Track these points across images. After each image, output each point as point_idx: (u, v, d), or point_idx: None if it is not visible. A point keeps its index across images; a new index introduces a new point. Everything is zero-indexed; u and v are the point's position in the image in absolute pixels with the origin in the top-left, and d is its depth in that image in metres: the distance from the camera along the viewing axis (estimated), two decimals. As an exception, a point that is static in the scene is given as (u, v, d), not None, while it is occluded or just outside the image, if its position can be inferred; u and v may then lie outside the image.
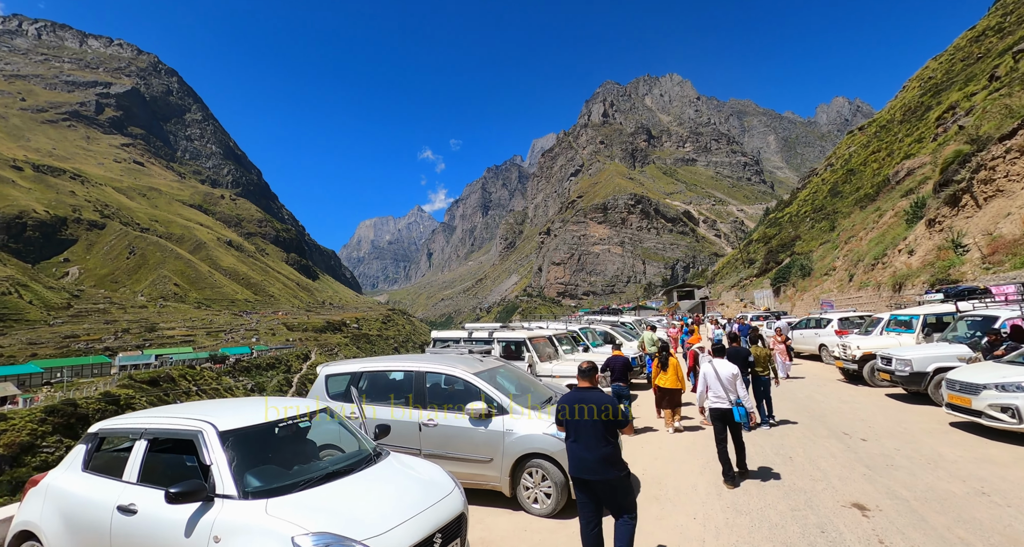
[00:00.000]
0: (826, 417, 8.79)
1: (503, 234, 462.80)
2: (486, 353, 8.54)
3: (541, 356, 10.58)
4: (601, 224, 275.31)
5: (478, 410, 5.32)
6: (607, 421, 3.90)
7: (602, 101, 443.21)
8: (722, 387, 5.99)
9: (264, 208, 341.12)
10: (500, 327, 11.95)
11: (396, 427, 5.60)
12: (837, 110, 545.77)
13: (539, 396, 6.09)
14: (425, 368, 5.93)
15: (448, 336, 11.86)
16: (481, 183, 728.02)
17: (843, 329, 15.83)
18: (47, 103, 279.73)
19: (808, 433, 7.82)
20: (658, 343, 12.99)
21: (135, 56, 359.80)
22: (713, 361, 6.27)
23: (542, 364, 10.23)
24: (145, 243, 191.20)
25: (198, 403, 4.43)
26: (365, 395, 6.05)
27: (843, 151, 78.50)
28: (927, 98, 55.01)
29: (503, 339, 10.98)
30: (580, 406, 3.99)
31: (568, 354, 12.44)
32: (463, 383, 5.73)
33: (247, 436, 3.65)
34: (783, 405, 10.07)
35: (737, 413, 5.90)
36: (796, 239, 57.17)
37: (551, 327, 15.94)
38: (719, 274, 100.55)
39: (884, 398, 10.14)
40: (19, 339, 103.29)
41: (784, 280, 41.87)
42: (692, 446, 7.64)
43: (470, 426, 5.42)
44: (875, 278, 20.90)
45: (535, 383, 6.64)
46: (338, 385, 6.27)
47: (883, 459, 6.33)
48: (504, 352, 10.96)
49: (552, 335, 12.57)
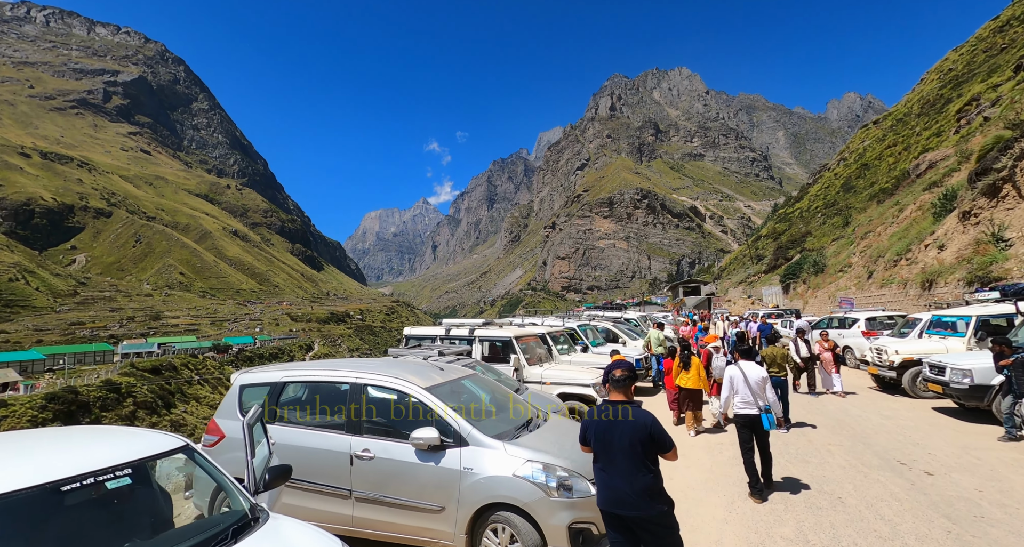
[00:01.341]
0: (870, 438, 7.35)
1: (508, 227, 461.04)
2: (463, 355, 7.19)
3: (531, 358, 9.17)
4: (607, 219, 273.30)
5: (426, 439, 3.93)
6: (648, 444, 3.26)
7: (609, 94, 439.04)
8: (751, 392, 5.62)
9: (270, 198, 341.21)
10: (483, 324, 10.45)
11: (321, 460, 4.30)
12: (848, 106, 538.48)
13: (514, 419, 4.71)
14: (365, 379, 4.49)
15: (423, 333, 10.40)
16: (487, 176, 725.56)
17: (871, 330, 14.34)
18: (55, 91, 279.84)
19: (854, 461, 6.37)
20: (665, 343, 12.46)
21: (142, 44, 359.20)
22: (741, 364, 5.88)
23: (531, 368, 8.82)
24: (151, 232, 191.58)
25: None
26: (288, 413, 4.70)
27: (856, 145, 76.48)
28: (947, 90, 53.09)
29: (485, 338, 9.56)
30: (613, 425, 3.34)
31: (564, 355, 11.06)
32: (411, 400, 4.33)
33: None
34: (814, 419, 8.66)
35: (767, 420, 5.55)
36: (807, 235, 55.66)
37: (546, 323, 14.28)
38: (726, 270, 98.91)
39: (932, 413, 8.69)
40: (25, 325, 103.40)
41: (794, 277, 40.54)
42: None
43: (416, 461, 4.05)
44: (900, 275, 19.36)
45: (514, 399, 5.30)
46: (256, 398, 4.83)
47: (965, 506, 4.85)
48: (489, 353, 9.56)
49: (546, 333, 11.15)
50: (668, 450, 3.30)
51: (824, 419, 8.71)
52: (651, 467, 3.26)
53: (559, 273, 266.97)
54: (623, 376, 3.47)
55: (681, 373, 8.44)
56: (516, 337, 9.18)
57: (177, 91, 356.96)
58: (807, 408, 9.81)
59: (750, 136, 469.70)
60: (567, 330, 13.27)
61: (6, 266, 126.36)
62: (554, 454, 3.96)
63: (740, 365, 5.87)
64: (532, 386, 8.03)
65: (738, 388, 5.72)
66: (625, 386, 3.46)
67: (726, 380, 5.91)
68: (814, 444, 7.14)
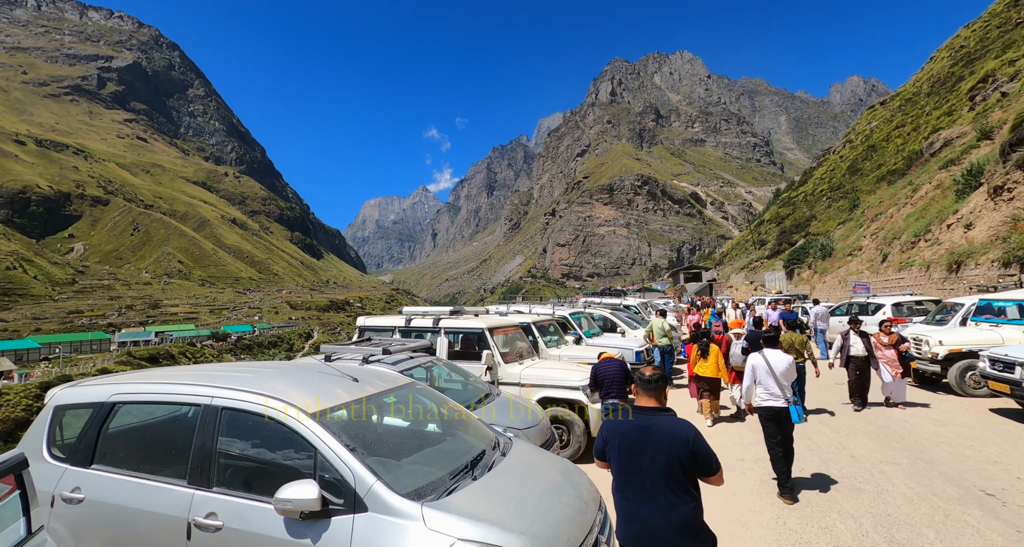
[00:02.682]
0: (929, 452, 5.93)
1: (508, 215, 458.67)
2: (422, 352, 5.79)
3: (509, 353, 7.62)
4: (607, 205, 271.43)
5: (297, 502, 2.40)
6: (690, 464, 2.57)
7: (610, 79, 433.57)
8: (776, 382, 5.14)
9: (268, 186, 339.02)
10: (451, 312, 8.54)
11: (144, 529, 2.79)
12: (851, 90, 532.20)
13: (457, 454, 3.21)
14: (222, 399, 2.94)
15: (379, 324, 8.68)
16: (486, 163, 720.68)
17: (899, 317, 12.98)
18: (48, 77, 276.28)
19: (921, 489, 4.91)
20: (671, 333, 11.32)
21: (136, 29, 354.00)
22: (765, 352, 5.42)
23: (509, 366, 7.21)
24: (149, 220, 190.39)
25: None
26: (116, 451, 3.15)
27: (863, 127, 74.57)
28: (958, 68, 51.22)
29: (452, 329, 7.89)
30: (643, 438, 2.64)
31: (553, 348, 9.56)
32: (287, 433, 2.78)
33: None
34: (850, 424, 7.35)
35: (795, 412, 5.05)
36: (812, 219, 54.36)
37: (534, 311, 12.47)
38: (728, 256, 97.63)
39: (994, 417, 7.29)
40: (24, 314, 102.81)
41: (798, 262, 39.67)
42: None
43: (284, 537, 2.51)
44: (921, 257, 18.09)
45: (464, 420, 3.76)
46: (77, 425, 3.26)
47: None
48: (460, 348, 8.06)
49: (532, 323, 9.66)
50: (714, 472, 2.62)
51: (863, 424, 7.33)
52: (692, 494, 2.58)
53: (559, 260, 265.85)
54: (655, 376, 2.79)
55: (699, 361, 8.18)
56: (489, 328, 7.51)
57: (172, 77, 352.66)
58: (841, 408, 8.41)
59: (752, 121, 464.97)
60: (558, 319, 11.74)
61: (3, 254, 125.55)
62: (506, 525, 2.49)
63: (764, 353, 5.40)
64: (508, 388, 6.74)
65: (761, 378, 5.26)
66: (657, 389, 2.77)
67: (748, 369, 5.45)
68: (860, 462, 5.75)
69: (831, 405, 8.73)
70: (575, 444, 6.19)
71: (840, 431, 7.03)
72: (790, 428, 5.16)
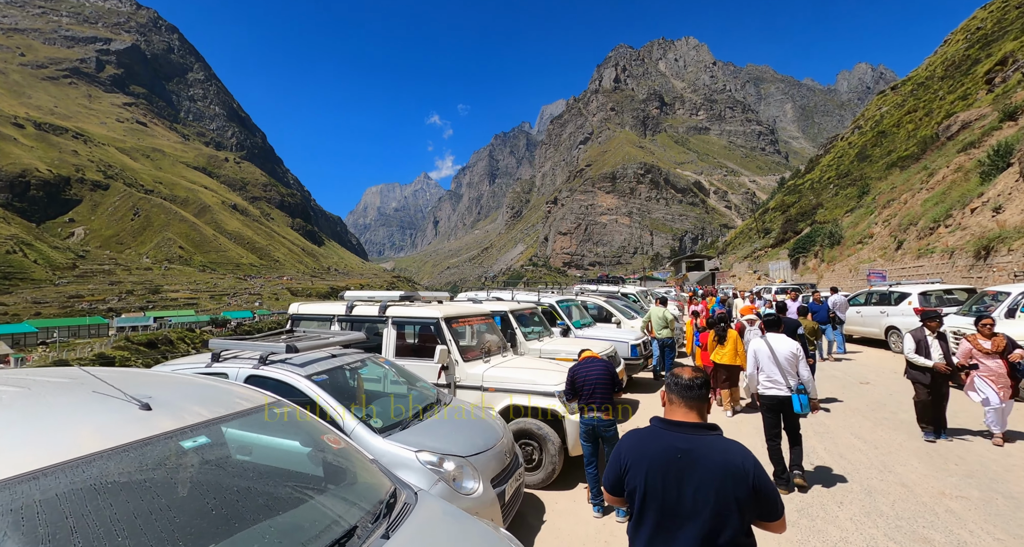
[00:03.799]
0: (1006, 483, 4.62)
1: (510, 203, 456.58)
2: (354, 347, 4.71)
3: (473, 349, 6.33)
4: (609, 194, 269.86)
5: None
6: (749, 503, 1.87)
7: (614, 66, 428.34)
8: (779, 370, 4.84)
9: (269, 172, 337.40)
10: (400, 298, 6.96)
11: None
12: (859, 77, 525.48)
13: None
14: None
15: (316, 312, 7.25)
16: (488, 150, 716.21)
17: (926, 306, 11.66)
18: (47, 59, 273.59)
19: (1015, 543, 3.64)
20: (673, 324, 10.06)
21: (134, 11, 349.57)
22: (767, 337, 5.11)
23: (470, 365, 5.77)
24: (149, 205, 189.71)
25: None
26: None
27: (872, 112, 73.12)
28: (974, 51, 49.82)
29: (401, 319, 6.34)
30: (682, 466, 1.93)
31: (534, 341, 8.22)
32: None
33: None
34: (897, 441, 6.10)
35: (798, 402, 4.67)
36: (818, 207, 53.40)
37: (517, 299, 10.86)
38: (731, 245, 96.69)
39: None
40: (24, 298, 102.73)
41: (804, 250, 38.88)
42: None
43: None
44: (943, 242, 17.21)
45: (340, 471, 2.44)
46: None
47: None
48: (417, 341, 6.74)
49: (510, 311, 8.31)
50: (778, 516, 1.93)
51: (905, 437, 6.08)
52: (746, 542, 1.92)
53: (561, 249, 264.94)
54: (696, 380, 2.07)
55: (716, 348, 7.83)
56: (447, 318, 6.05)
57: (172, 60, 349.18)
58: (873, 415, 7.17)
59: (757, 109, 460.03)
60: (543, 307, 10.32)
61: (3, 238, 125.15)
62: None
63: (767, 338, 5.08)
64: (467, 394, 5.53)
65: (763, 365, 4.94)
66: (700, 398, 2.06)
67: (750, 355, 5.14)
68: (915, 492, 4.50)
69: (861, 410, 7.50)
70: (548, 466, 4.99)
71: (879, 447, 5.82)
72: (795, 418, 4.82)
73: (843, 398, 8.40)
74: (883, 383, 9.44)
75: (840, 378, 10.04)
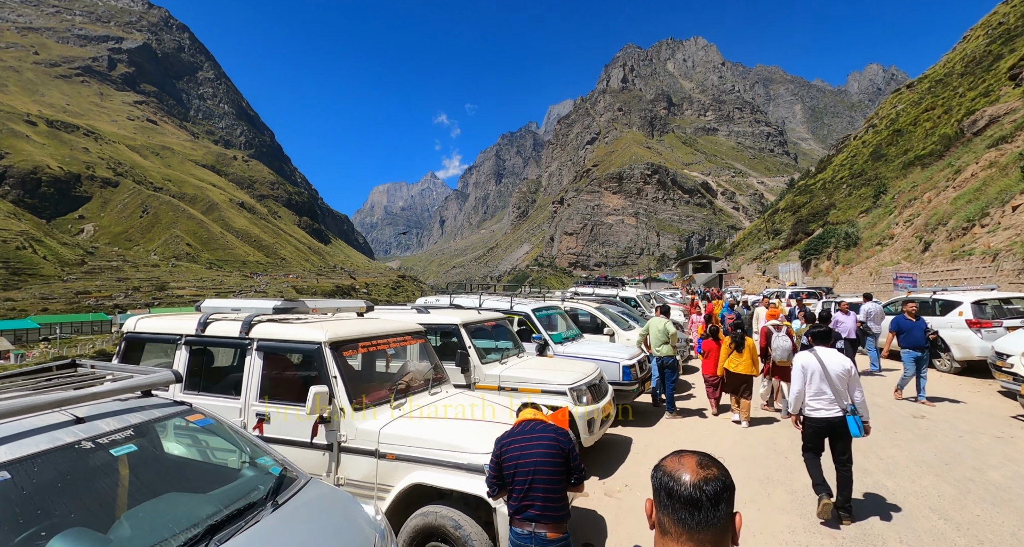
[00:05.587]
0: None
1: (516, 202, 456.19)
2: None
3: (375, 387, 4.57)
4: (616, 194, 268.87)
5: None
6: None
7: (622, 66, 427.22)
8: (831, 388, 4.38)
9: (277, 170, 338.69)
10: (274, 311, 4.95)
11: None
12: (870, 78, 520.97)
13: None
14: None
15: (159, 331, 5.02)
16: (495, 150, 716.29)
17: (981, 319, 10.10)
18: (60, 58, 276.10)
19: None
20: (675, 339, 8.46)
21: (146, 10, 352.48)
22: (817, 350, 4.63)
23: (359, 418, 3.93)
24: (158, 202, 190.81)
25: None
26: None
27: (887, 111, 72.15)
28: (996, 46, 48.91)
29: (271, 344, 4.34)
30: None
31: (493, 363, 6.48)
32: None
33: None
34: None
35: (854, 424, 4.27)
36: (830, 207, 52.68)
37: (486, 304, 8.91)
38: (739, 246, 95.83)
39: None
40: (32, 293, 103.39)
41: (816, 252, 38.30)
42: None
43: None
44: (984, 243, 16.48)
45: None
46: None
47: None
48: (279, 378, 4.54)
49: (461, 324, 6.46)
50: None
51: (971, 479, 5.03)
52: None
53: (566, 249, 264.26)
54: (705, 488, 1.15)
55: (732, 355, 7.49)
56: (335, 341, 4.16)
57: (182, 59, 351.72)
58: (942, 471, 5.45)
59: (766, 110, 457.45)
60: (512, 317, 8.39)
61: (13, 234, 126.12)
62: None
63: (817, 352, 4.59)
64: (354, 464, 3.83)
65: (813, 382, 4.46)
66: (714, 524, 1.14)
67: (796, 370, 4.62)
68: None
69: (930, 465, 5.73)
70: None
71: (986, 544, 4.08)
72: (848, 442, 4.40)
73: (897, 440, 6.48)
74: (942, 416, 7.49)
75: (884, 408, 8.12)
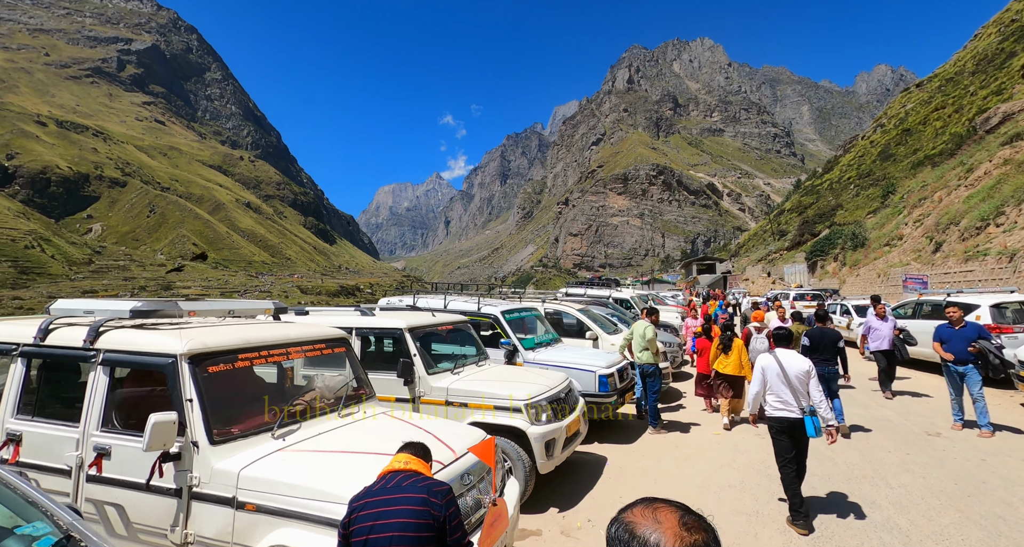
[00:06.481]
0: None
1: (521, 203, 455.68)
2: None
3: (254, 411, 3.54)
4: (621, 195, 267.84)
5: None
6: None
7: (627, 67, 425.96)
8: (789, 389, 4.42)
9: (283, 171, 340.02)
10: (132, 314, 3.72)
11: None
12: (878, 79, 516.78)
13: None
14: None
15: None
16: (500, 151, 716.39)
17: (1001, 323, 9.36)
18: (70, 59, 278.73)
19: None
20: (654, 344, 7.70)
21: (155, 11, 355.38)
22: (777, 352, 4.68)
23: (229, 451, 3.05)
24: (165, 202, 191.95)
25: None
26: None
27: (896, 110, 71.03)
28: (1009, 44, 47.86)
29: (118, 356, 3.40)
30: None
31: (444, 372, 5.64)
32: None
33: None
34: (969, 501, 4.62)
35: (811, 425, 4.27)
36: (837, 208, 51.82)
37: (452, 306, 8.16)
38: (744, 247, 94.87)
39: None
40: (40, 292, 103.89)
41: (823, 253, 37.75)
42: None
43: None
44: (999, 243, 15.76)
45: None
46: None
47: None
48: (127, 404, 3.60)
49: (406, 329, 5.54)
50: None
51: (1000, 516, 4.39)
52: None
53: (571, 250, 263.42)
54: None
55: (720, 356, 7.57)
56: (195, 354, 3.20)
57: (190, 60, 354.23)
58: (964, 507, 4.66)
59: (773, 111, 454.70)
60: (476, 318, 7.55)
61: (22, 234, 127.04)
62: None
63: (776, 354, 4.63)
64: (211, 516, 2.93)
65: (771, 383, 4.51)
66: None
67: (756, 372, 4.68)
68: None
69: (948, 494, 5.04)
70: None
71: None
72: (806, 443, 4.48)
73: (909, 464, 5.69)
74: (960, 434, 6.85)
75: (894, 422, 7.45)
